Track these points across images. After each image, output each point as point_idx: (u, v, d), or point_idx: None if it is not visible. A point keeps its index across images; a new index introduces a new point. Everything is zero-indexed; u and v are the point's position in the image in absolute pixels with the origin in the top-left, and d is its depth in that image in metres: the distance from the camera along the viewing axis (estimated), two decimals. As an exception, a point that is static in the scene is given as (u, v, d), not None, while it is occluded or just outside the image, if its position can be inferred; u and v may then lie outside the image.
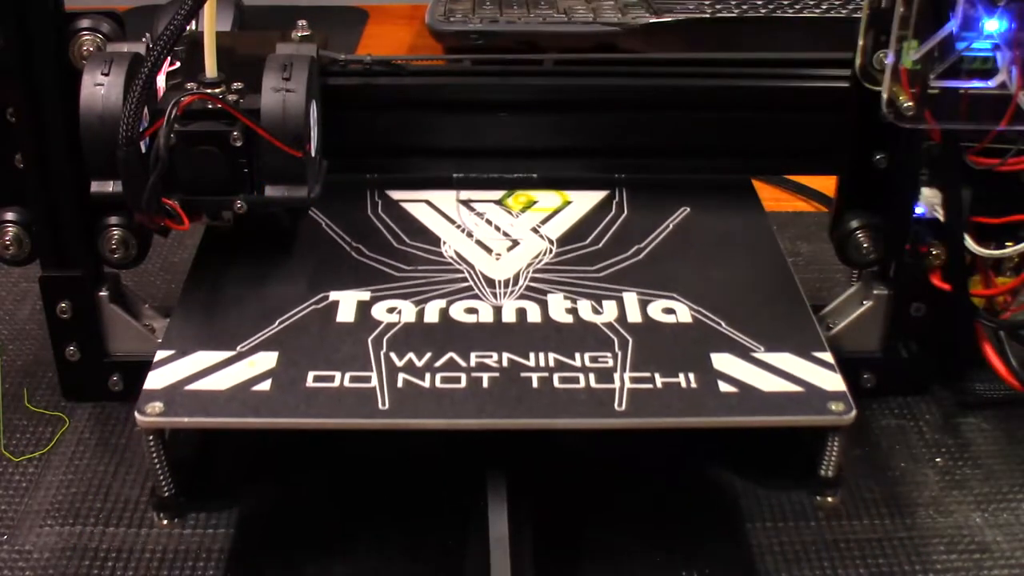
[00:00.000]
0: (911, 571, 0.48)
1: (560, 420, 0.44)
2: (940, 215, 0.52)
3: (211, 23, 0.48)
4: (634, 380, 0.45)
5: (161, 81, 0.51)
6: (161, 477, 0.45)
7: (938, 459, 0.54)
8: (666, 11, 0.93)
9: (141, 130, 0.46)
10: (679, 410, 0.44)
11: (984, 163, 0.50)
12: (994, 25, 0.45)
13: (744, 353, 0.47)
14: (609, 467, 0.53)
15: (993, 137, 0.49)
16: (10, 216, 0.53)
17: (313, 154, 0.50)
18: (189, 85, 0.49)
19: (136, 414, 0.43)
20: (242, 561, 0.48)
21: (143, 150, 0.47)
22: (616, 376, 0.45)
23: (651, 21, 0.92)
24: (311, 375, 0.45)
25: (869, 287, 0.56)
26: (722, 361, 0.46)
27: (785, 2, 0.95)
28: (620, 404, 0.44)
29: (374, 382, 0.45)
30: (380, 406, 0.44)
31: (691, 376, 0.45)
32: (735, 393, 0.45)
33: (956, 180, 0.51)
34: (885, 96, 0.48)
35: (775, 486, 0.51)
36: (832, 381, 0.45)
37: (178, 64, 0.53)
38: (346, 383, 0.45)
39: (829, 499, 0.47)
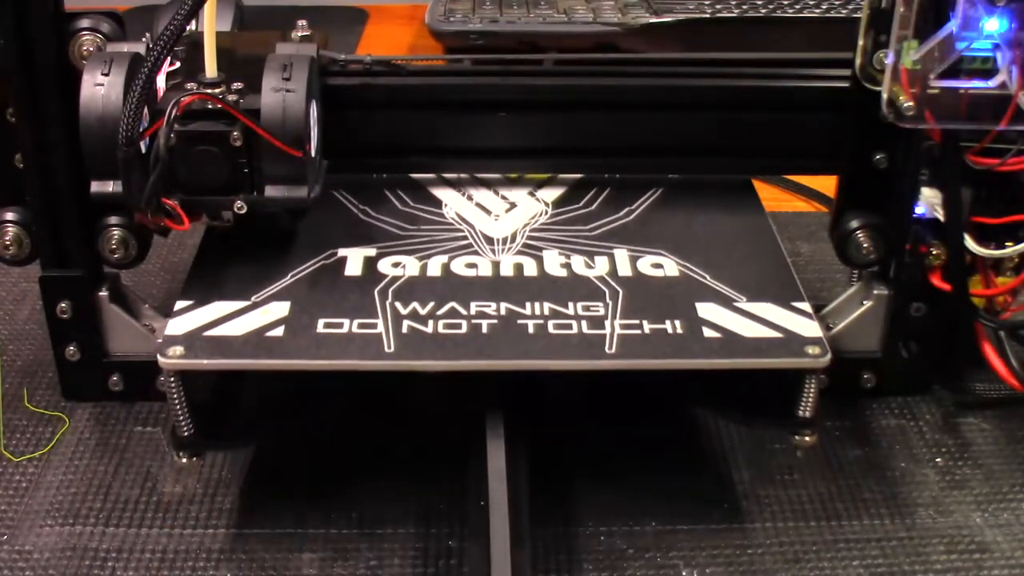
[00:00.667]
0: (911, 571, 0.48)
1: (554, 362, 0.47)
2: (940, 215, 0.52)
3: (211, 23, 0.48)
4: (624, 327, 0.48)
5: (161, 81, 0.51)
6: (181, 418, 0.48)
7: (938, 459, 0.54)
8: (666, 11, 0.93)
9: (141, 130, 0.46)
10: (665, 353, 0.47)
11: (984, 163, 0.50)
12: (994, 25, 0.45)
13: (727, 303, 0.50)
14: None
15: (993, 137, 0.49)
16: (10, 216, 0.54)
17: (313, 154, 0.50)
18: (189, 85, 0.49)
19: (158, 356, 0.46)
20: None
21: (143, 150, 0.47)
22: (607, 323, 0.48)
23: (651, 21, 0.92)
24: (321, 322, 0.48)
25: (869, 287, 0.56)
26: (707, 310, 0.49)
27: (785, 2, 0.95)
28: (610, 347, 0.47)
29: (380, 328, 0.48)
30: (386, 349, 0.47)
31: (677, 323, 0.48)
32: (718, 338, 0.47)
33: (956, 180, 0.51)
34: (885, 96, 0.48)
35: (757, 426, 0.53)
36: (809, 328, 0.48)
37: (178, 64, 0.53)
38: (354, 329, 0.48)
39: (807, 438, 0.49)
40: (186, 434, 0.48)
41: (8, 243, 0.54)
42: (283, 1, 0.89)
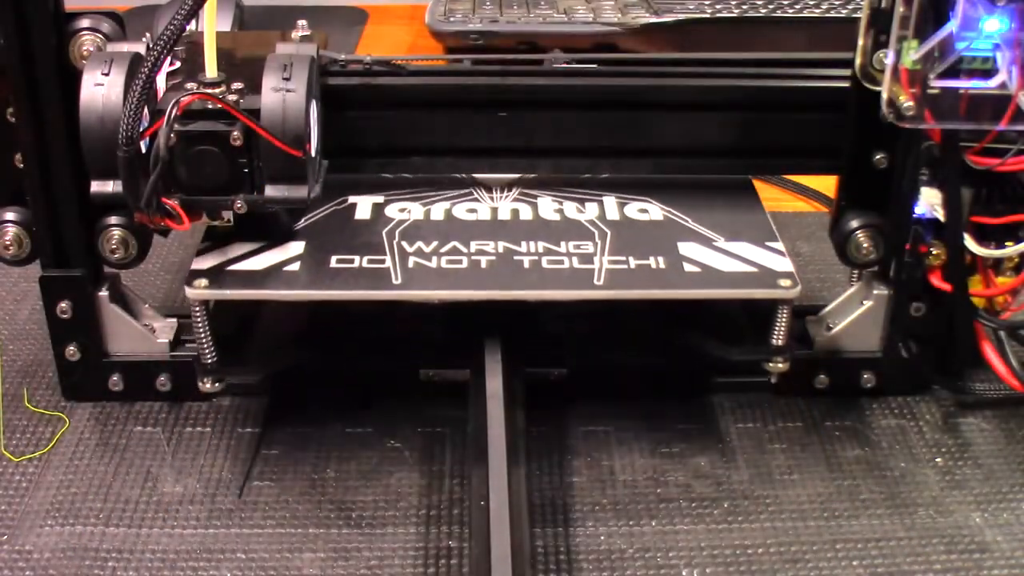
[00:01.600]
0: (911, 571, 0.48)
1: (547, 292, 0.51)
2: (940, 215, 0.52)
3: (211, 23, 0.48)
4: (611, 262, 0.52)
5: (161, 81, 0.51)
6: (206, 346, 0.52)
7: (938, 459, 0.54)
8: (666, 11, 0.93)
9: (141, 130, 0.46)
10: (649, 284, 0.51)
11: (984, 163, 0.50)
12: (994, 25, 0.45)
13: (707, 242, 0.54)
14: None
15: (993, 137, 0.49)
16: (10, 216, 0.54)
17: (313, 154, 0.50)
18: (189, 85, 0.49)
19: (185, 287, 0.50)
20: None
21: (143, 150, 0.47)
22: (596, 259, 0.52)
23: (651, 21, 0.92)
24: (334, 258, 0.52)
25: (869, 287, 0.57)
26: (687, 248, 0.53)
27: (785, 2, 0.95)
28: (599, 279, 0.51)
29: (388, 263, 0.52)
30: (394, 281, 0.51)
31: (660, 259, 0.52)
32: (698, 272, 0.52)
33: (956, 180, 0.51)
34: (885, 96, 0.48)
35: (733, 354, 0.55)
36: (782, 263, 0.52)
37: (178, 64, 0.53)
38: (364, 264, 0.52)
39: (780, 364, 0.53)
40: (210, 362, 0.52)
41: (8, 243, 0.54)
42: (283, 1, 0.89)
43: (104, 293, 0.55)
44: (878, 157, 0.53)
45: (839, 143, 0.54)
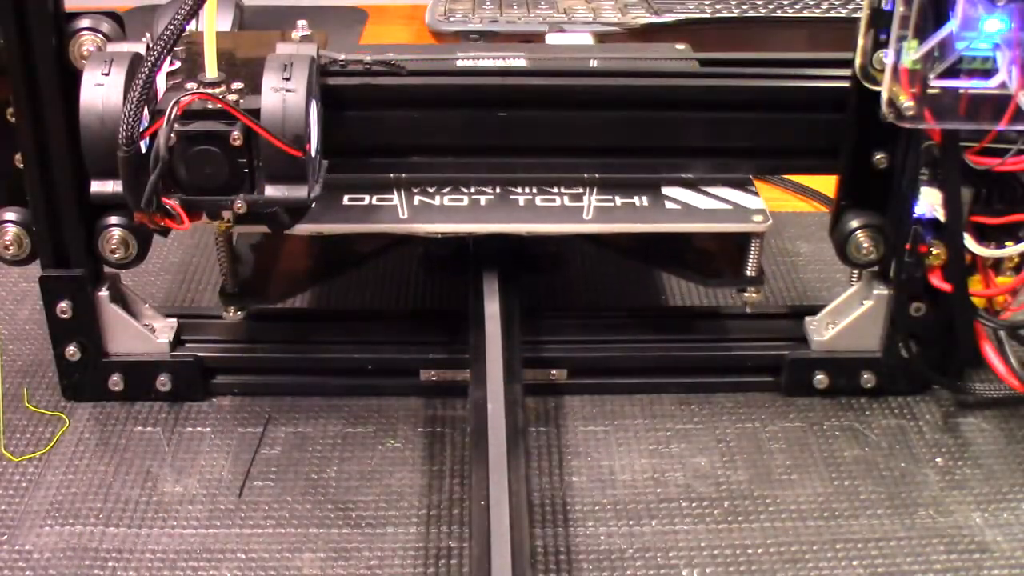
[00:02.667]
0: (911, 571, 0.48)
1: (540, 225, 0.56)
2: (940, 215, 0.52)
3: (211, 23, 0.48)
4: (599, 200, 0.57)
5: (161, 81, 0.51)
6: (228, 276, 0.57)
7: (938, 459, 0.54)
8: (666, 11, 0.93)
9: (141, 130, 0.46)
10: (633, 219, 0.56)
11: (984, 163, 0.50)
12: (994, 25, 0.45)
13: (688, 184, 0.59)
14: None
15: (993, 137, 0.49)
16: (10, 216, 0.54)
17: (313, 154, 0.50)
18: (189, 85, 0.49)
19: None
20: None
21: (143, 150, 0.47)
22: (585, 198, 0.57)
23: (651, 21, 0.92)
24: (346, 197, 0.57)
25: (869, 287, 0.57)
26: (670, 190, 0.58)
27: (785, 2, 0.95)
28: (587, 215, 0.56)
29: (395, 201, 0.57)
30: (400, 216, 0.56)
31: (644, 198, 0.57)
32: (679, 209, 0.57)
33: (956, 180, 0.51)
34: (885, 96, 0.48)
35: (713, 283, 0.61)
36: (755, 202, 0.57)
37: (178, 64, 0.53)
38: (374, 201, 0.57)
39: (754, 294, 0.58)
40: (230, 292, 0.57)
41: (8, 243, 0.54)
42: (283, 1, 0.89)
43: (104, 293, 0.55)
44: (878, 157, 0.53)
45: (839, 143, 0.54)
